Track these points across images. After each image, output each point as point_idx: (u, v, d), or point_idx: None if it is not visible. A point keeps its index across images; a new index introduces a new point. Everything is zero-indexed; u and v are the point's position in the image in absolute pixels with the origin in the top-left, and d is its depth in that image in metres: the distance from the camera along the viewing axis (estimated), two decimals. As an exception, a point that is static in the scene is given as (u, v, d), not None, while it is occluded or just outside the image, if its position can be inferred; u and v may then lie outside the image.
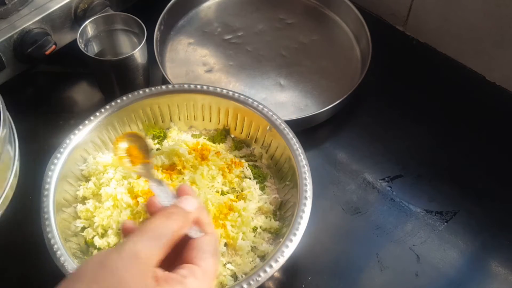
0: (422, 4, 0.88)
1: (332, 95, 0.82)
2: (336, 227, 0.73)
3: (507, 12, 0.77)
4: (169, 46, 0.90)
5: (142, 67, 0.79)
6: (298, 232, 0.61)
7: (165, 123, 0.76)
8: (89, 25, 0.79)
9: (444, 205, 0.74)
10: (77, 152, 0.69)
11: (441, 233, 0.72)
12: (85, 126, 0.70)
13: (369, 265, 0.69)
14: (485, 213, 0.73)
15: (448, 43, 0.88)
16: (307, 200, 0.63)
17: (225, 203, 0.67)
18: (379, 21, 0.95)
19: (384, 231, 0.72)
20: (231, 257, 0.65)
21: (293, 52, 0.89)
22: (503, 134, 0.81)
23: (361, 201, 0.75)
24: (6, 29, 0.77)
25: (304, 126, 0.78)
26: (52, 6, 0.80)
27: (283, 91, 0.85)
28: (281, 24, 0.93)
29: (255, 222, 0.67)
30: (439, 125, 0.82)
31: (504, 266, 0.69)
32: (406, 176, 0.77)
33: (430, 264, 0.69)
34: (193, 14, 0.95)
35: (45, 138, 0.78)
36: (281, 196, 0.70)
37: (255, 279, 0.58)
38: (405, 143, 0.80)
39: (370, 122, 0.83)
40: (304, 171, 0.66)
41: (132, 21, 0.80)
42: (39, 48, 0.78)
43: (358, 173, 0.77)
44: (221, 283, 0.63)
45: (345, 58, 0.89)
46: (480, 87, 0.86)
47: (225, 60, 0.89)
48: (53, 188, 0.65)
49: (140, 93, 0.72)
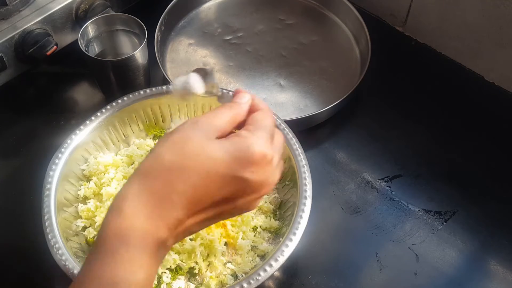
0: (421, 5, 0.88)
1: (332, 95, 0.82)
2: (335, 227, 0.74)
3: (506, 12, 0.78)
4: (170, 46, 0.91)
5: (143, 67, 0.80)
6: (298, 232, 0.61)
7: (166, 123, 0.77)
8: (90, 26, 0.79)
9: (443, 204, 0.74)
10: (78, 152, 0.70)
11: (440, 233, 0.72)
12: (86, 126, 0.70)
13: (368, 265, 0.69)
14: (484, 213, 0.73)
15: (447, 43, 0.89)
16: (306, 199, 0.63)
17: (225, 202, 0.67)
18: (378, 21, 0.95)
19: (383, 230, 0.72)
20: (231, 256, 0.65)
21: (293, 53, 0.90)
22: (502, 134, 0.81)
23: (360, 200, 0.75)
24: (7, 29, 0.77)
25: (303, 126, 0.79)
26: (53, 7, 0.80)
27: (283, 92, 0.85)
28: (281, 24, 0.94)
29: (255, 222, 0.67)
30: (438, 125, 0.83)
31: (503, 265, 0.69)
32: (405, 176, 0.77)
33: (429, 264, 0.69)
34: (194, 15, 0.95)
35: (46, 138, 0.79)
36: (281, 195, 0.71)
37: (255, 278, 0.58)
38: (404, 143, 0.81)
39: (370, 122, 0.83)
40: (304, 171, 0.66)
41: (132, 22, 0.80)
42: (40, 49, 0.78)
43: (357, 173, 0.78)
44: (221, 282, 0.63)
45: (344, 58, 0.89)
46: (479, 87, 0.86)
47: (225, 60, 0.89)
48: (54, 188, 0.65)
49: (141, 93, 0.73)
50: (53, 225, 0.62)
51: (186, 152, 0.44)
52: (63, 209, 0.66)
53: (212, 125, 0.47)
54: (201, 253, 0.64)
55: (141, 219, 0.42)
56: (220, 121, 0.47)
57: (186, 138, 0.45)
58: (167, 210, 0.43)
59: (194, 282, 0.64)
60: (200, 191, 0.44)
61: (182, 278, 0.64)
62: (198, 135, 0.45)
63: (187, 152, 0.44)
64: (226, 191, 0.45)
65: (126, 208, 0.42)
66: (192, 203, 0.44)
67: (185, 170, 0.44)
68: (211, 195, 0.44)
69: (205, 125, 0.46)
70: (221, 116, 0.48)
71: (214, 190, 0.44)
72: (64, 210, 0.66)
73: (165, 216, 0.43)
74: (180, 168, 0.44)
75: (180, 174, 0.43)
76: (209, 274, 0.64)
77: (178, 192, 0.43)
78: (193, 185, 0.43)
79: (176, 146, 0.45)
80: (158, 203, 0.43)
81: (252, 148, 0.45)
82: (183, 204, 0.43)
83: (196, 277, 0.64)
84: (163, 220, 0.43)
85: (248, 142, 0.46)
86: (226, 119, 0.48)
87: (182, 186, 0.43)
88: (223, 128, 0.47)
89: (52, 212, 0.63)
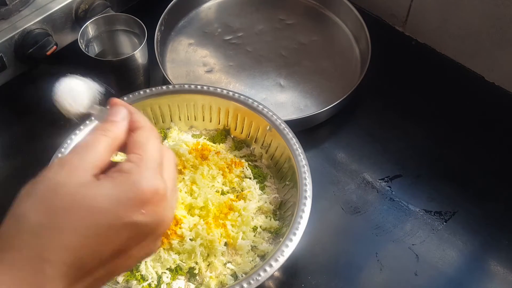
0: (421, 5, 0.88)
1: (332, 95, 0.82)
2: (335, 227, 0.74)
3: (506, 12, 0.78)
4: (170, 46, 0.91)
5: (143, 67, 0.80)
6: (298, 232, 0.61)
7: (166, 123, 0.77)
8: (90, 26, 0.79)
9: (443, 204, 0.74)
10: (78, 152, 0.69)
11: (440, 233, 0.72)
12: (86, 126, 0.70)
13: (368, 265, 0.69)
14: (484, 213, 0.74)
15: (447, 43, 0.89)
16: (307, 199, 0.63)
17: (225, 202, 0.67)
18: (378, 21, 0.95)
19: (383, 230, 0.72)
20: (231, 256, 0.65)
21: (293, 53, 0.90)
22: (502, 134, 0.81)
23: (360, 200, 0.75)
24: (7, 29, 0.77)
25: (304, 126, 0.79)
26: (53, 6, 0.80)
27: (283, 92, 0.85)
28: (281, 24, 0.94)
29: (255, 222, 0.67)
30: (438, 125, 0.83)
31: (503, 266, 0.69)
32: (405, 176, 0.77)
33: (429, 264, 0.69)
34: (194, 15, 0.95)
35: (46, 138, 0.79)
36: (281, 196, 0.71)
37: (255, 278, 0.58)
38: (405, 143, 0.81)
39: (370, 122, 0.84)
40: (304, 171, 0.66)
41: (132, 22, 0.80)
42: (40, 49, 0.78)
43: (357, 173, 0.78)
44: (221, 282, 0.63)
45: (344, 58, 0.89)
46: (479, 87, 0.87)
47: (225, 60, 0.89)
48: (54, 188, 0.65)
49: (140, 93, 0.73)
50: (53, 225, 0.61)
51: (56, 208, 0.36)
52: (63, 209, 0.66)
53: (86, 162, 0.38)
54: (201, 253, 0.64)
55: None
56: (94, 154, 0.39)
57: (55, 188, 0.36)
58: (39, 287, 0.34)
59: (194, 282, 0.64)
60: (81, 253, 0.35)
61: (182, 278, 0.64)
62: (70, 182, 0.37)
63: (57, 207, 0.36)
64: (115, 244, 0.37)
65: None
66: (74, 269, 0.35)
67: (58, 231, 0.35)
68: (97, 253, 0.36)
69: (76, 165, 0.38)
70: (96, 147, 0.39)
71: (99, 246, 0.36)
72: (64, 210, 0.66)
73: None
74: (51, 231, 0.35)
75: (52, 238, 0.35)
76: (209, 274, 0.64)
77: (51, 262, 0.34)
78: (71, 249, 0.35)
79: (42, 201, 0.36)
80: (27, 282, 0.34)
81: (140, 185, 0.37)
82: (61, 275, 0.35)
83: (196, 277, 0.64)
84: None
85: (134, 178, 0.38)
86: (101, 149, 0.39)
87: (57, 254, 0.35)
88: (100, 161, 0.39)
89: (52, 212, 0.63)
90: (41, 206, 0.36)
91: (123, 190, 0.37)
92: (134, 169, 0.38)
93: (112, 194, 0.37)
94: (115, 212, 0.36)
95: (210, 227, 0.65)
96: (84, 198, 0.36)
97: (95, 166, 0.38)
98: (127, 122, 0.42)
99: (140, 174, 0.38)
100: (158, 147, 0.41)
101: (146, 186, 0.38)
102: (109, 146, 0.40)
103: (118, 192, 0.37)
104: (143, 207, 0.37)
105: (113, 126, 0.41)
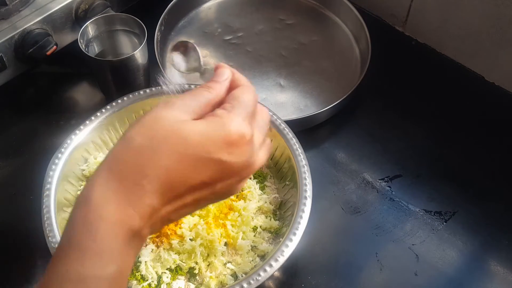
0: (421, 5, 0.88)
1: (332, 95, 0.82)
2: (335, 227, 0.74)
3: (506, 12, 0.78)
4: (170, 46, 0.91)
5: (143, 67, 0.80)
6: (298, 232, 0.61)
7: (166, 123, 0.77)
8: (90, 26, 0.79)
9: (443, 204, 0.74)
10: (78, 152, 0.70)
11: (440, 233, 0.72)
12: (86, 126, 0.70)
13: (368, 265, 0.69)
14: (484, 213, 0.74)
15: (447, 43, 0.89)
16: (307, 199, 0.64)
17: (225, 202, 0.67)
18: (378, 21, 0.95)
19: (383, 230, 0.72)
20: (231, 256, 0.65)
21: (293, 53, 0.90)
22: (502, 134, 0.81)
23: (360, 200, 0.75)
24: (7, 29, 0.77)
25: (304, 126, 0.79)
26: (53, 6, 0.80)
27: (283, 92, 0.85)
28: (281, 24, 0.94)
29: (255, 222, 0.67)
30: (438, 125, 0.83)
31: (503, 266, 0.69)
32: (405, 176, 0.77)
33: (429, 264, 0.69)
34: (194, 15, 0.95)
35: (46, 138, 0.79)
36: (281, 196, 0.71)
37: (255, 278, 0.58)
38: (404, 143, 0.81)
39: (370, 122, 0.84)
40: (304, 171, 0.66)
41: (132, 22, 0.80)
42: (40, 49, 0.78)
43: (357, 173, 0.78)
44: (221, 282, 0.63)
45: (344, 58, 0.89)
46: (479, 87, 0.87)
47: (225, 60, 0.89)
48: (54, 188, 0.65)
49: (140, 93, 0.73)
50: (53, 225, 0.62)
51: (156, 133, 0.41)
52: (63, 209, 0.66)
53: (187, 105, 0.44)
54: (201, 253, 0.64)
55: (110, 208, 0.39)
56: (196, 103, 0.44)
57: (158, 119, 0.42)
58: (138, 197, 0.40)
59: (194, 282, 0.64)
60: (173, 175, 0.41)
61: (182, 278, 0.64)
62: (171, 116, 0.42)
63: (158, 133, 0.41)
64: (203, 174, 0.42)
65: (94, 197, 0.40)
66: (166, 189, 0.41)
67: (156, 153, 0.41)
68: (186, 180, 0.41)
69: (179, 105, 0.43)
70: (198, 98, 0.45)
71: (189, 174, 0.41)
72: (64, 210, 0.66)
73: (137, 203, 0.40)
74: (150, 151, 0.41)
75: (151, 157, 0.41)
76: (209, 274, 0.64)
77: (149, 177, 0.40)
78: (165, 169, 0.40)
79: (146, 128, 0.42)
80: (128, 190, 0.40)
81: (228, 127, 0.42)
82: (156, 190, 0.40)
83: (196, 277, 0.64)
84: (135, 208, 0.40)
85: (224, 121, 0.43)
86: (203, 101, 0.45)
87: (154, 171, 0.40)
88: (199, 109, 0.44)
89: (52, 212, 0.63)
90: (145, 131, 0.42)
91: (213, 129, 0.42)
92: (225, 114, 0.43)
93: (203, 131, 0.42)
94: (204, 147, 0.42)
95: (210, 227, 0.65)
96: (179, 130, 0.42)
97: (193, 111, 0.44)
98: (229, 82, 0.47)
99: (230, 119, 0.43)
100: (252, 101, 0.46)
101: (234, 128, 0.43)
102: (209, 100, 0.45)
103: (208, 130, 0.42)
104: (229, 147, 0.42)
105: (217, 84, 0.46)
